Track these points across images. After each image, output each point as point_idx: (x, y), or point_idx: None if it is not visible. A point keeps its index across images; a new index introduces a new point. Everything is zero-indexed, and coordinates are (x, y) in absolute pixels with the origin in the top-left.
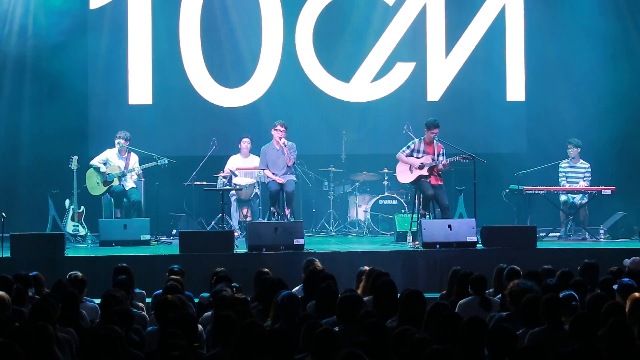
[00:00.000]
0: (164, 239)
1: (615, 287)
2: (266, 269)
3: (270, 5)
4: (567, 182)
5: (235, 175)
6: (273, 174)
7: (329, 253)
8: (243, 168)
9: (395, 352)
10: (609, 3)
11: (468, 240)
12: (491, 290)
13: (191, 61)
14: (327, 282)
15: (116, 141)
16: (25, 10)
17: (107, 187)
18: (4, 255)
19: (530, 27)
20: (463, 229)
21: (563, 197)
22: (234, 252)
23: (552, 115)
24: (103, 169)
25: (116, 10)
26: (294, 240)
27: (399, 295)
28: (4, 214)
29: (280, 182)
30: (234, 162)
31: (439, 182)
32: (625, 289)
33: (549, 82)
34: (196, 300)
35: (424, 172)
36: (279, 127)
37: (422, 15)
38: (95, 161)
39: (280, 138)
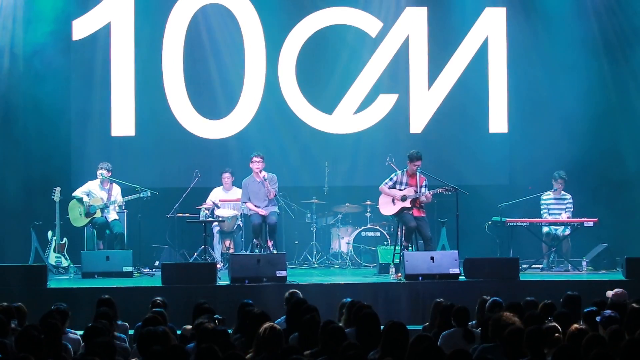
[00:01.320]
0: (146, 270)
1: (598, 319)
2: (250, 301)
3: (253, 38)
4: (549, 214)
5: (218, 207)
6: (256, 206)
7: (311, 285)
8: (226, 200)
9: None
10: (591, 37)
11: (450, 272)
12: (474, 322)
13: (174, 93)
14: (312, 314)
15: (98, 172)
16: (9, 39)
17: (89, 219)
18: None
19: (513, 59)
20: (446, 260)
21: (545, 229)
22: (217, 284)
23: (535, 147)
24: (85, 200)
25: (99, 41)
26: (277, 272)
27: (381, 327)
28: None
29: (262, 214)
30: (216, 194)
31: (422, 214)
32: (608, 321)
33: (531, 114)
34: (178, 332)
35: (407, 204)
36: (255, 159)
37: (404, 47)
38: (78, 192)
39: (259, 170)
